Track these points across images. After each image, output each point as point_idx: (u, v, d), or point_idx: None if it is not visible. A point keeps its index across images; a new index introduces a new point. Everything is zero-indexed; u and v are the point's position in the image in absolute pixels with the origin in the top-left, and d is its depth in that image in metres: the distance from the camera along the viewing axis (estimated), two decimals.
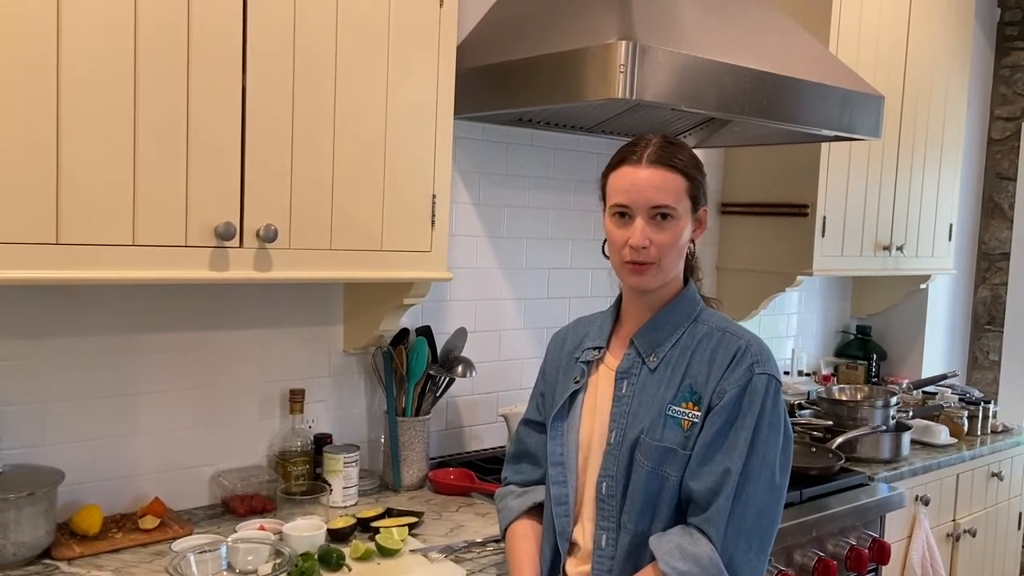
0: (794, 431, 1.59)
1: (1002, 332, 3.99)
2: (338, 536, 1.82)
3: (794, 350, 3.52)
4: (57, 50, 1.45)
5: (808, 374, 3.51)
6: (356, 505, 2.08)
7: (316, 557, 1.68)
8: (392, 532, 1.81)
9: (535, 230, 2.63)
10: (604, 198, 1.55)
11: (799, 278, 2.95)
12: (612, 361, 1.58)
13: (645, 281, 1.50)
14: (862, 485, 2.50)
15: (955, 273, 3.75)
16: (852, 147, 2.93)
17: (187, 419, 2.01)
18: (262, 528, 1.82)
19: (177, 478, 2.00)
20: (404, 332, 2.27)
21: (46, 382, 1.82)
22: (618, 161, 1.52)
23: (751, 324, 3.07)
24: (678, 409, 1.47)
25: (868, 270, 3.16)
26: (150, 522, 1.81)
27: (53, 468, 1.75)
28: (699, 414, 1.46)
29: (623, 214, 1.49)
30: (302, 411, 2.11)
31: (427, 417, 2.26)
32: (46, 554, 1.69)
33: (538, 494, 1.66)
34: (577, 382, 1.60)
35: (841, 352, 3.74)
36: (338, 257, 1.82)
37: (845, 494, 2.41)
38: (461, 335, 2.33)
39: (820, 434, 2.77)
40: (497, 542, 1.86)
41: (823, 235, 2.90)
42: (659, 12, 1.99)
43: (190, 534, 1.82)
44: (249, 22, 1.65)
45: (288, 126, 1.73)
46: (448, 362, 2.30)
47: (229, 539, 1.69)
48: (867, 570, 2.39)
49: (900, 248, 3.22)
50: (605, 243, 1.56)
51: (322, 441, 2.15)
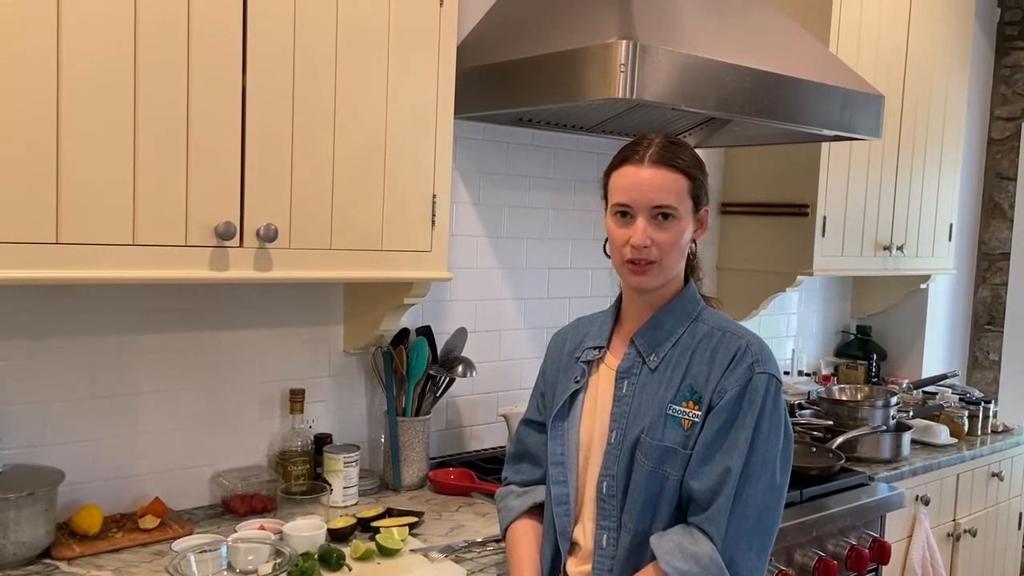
0: (794, 431, 1.59)
1: (1002, 332, 3.99)
2: (338, 536, 1.82)
3: (794, 350, 3.52)
4: (57, 50, 1.45)
5: (808, 374, 3.51)
6: (356, 505, 2.08)
7: (316, 557, 1.68)
8: (392, 532, 1.81)
9: (535, 230, 2.63)
10: (606, 197, 1.55)
11: (799, 278, 2.95)
12: (612, 361, 1.58)
13: (646, 281, 1.50)
14: (862, 485, 2.50)
15: (955, 273, 3.74)
16: (852, 147, 2.93)
17: (187, 419, 2.01)
18: (262, 528, 1.82)
19: (177, 478, 2.00)
20: (404, 332, 2.27)
21: (46, 382, 1.82)
22: (620, 160, 1.52)
23: (751, 324, 3.07)
24: (678, 408, 1.47)
25: (868, 270, 3.16)
26: (150, 522, 1.81)
27: (53, 468, 1.75)
28: (699, 413, 1.46)
29: (625, 213, 1.49)
30: (302, 411, 2.11)
31: (427, 417, 2.26)
32: (46, 554, 1.69)
33: (538, 494, 1.66)
34: (577, 382, 1.60)
35: (841, 352, 3.74)
36: (338, 257, 1.82)
37: (845, 494, 2.40)
38: (461, 335, 2.33)
39: (820, 434, 2.77)
40: (497, 542, 1.86)
41: (823, 235, 2.90)
42: (659, 12, 1.99)
43: (190, 534, 1.82)
44: (249, 22, 1.65)
45: (288, 125, 1.73)
46: (448, 362, 2.30)
47: (229, 539, 1.69)
48: (867, 570, 2.39)
49: (900, 248, 3.22)
50: (606, 242, 1.56)
51: (322, 441, 2.15)
